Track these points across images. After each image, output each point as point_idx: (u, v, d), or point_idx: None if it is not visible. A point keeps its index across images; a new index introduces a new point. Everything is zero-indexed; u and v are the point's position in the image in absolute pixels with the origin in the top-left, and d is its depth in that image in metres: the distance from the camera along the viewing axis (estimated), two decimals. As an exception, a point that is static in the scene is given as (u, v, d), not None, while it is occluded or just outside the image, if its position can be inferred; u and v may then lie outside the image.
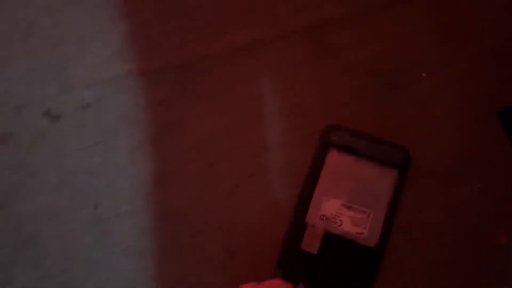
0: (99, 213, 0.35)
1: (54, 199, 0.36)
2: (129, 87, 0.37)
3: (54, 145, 0.37)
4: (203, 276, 0.33)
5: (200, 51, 0.38)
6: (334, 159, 0.32)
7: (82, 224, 0.35)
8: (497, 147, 0.33)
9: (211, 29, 0.38)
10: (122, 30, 0.38)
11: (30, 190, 0.36)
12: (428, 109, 0.35)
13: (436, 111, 0.34)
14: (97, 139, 0.37)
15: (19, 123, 0.37)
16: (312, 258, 0.30)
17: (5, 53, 0.39)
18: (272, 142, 0.35)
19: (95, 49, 0.38)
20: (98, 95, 0.37)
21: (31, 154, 0.37)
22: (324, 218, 0.31)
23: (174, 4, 0.38)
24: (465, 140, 0.34)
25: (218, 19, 0.38)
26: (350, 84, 0.35)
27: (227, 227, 0.34)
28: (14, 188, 0.36)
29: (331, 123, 0.33)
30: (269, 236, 0.32)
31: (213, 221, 0.34)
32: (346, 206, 0.31)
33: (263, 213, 0.34)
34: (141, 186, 0.35)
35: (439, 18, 0.37)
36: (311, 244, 0.30)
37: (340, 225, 0.31)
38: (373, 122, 0.34)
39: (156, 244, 0.34)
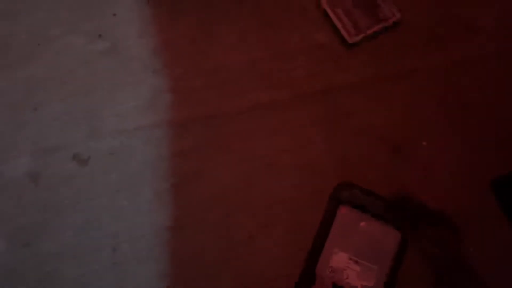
0: (117, 256, 0.38)
1: (77, 240, 0.39)
2: (155, 137, 0.42)
3: (81, 188, 0.40)
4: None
5: (223, 107, 0.42)
6: (344, 215, 0.36)
7: (101, 265, 0.38)
8: (489, 212, 0.38)
9: (235, 87, 0.43)
10: (152, 83, 0.43)
11: (55, 229, 0.39)
12: (427, 174, 0.39)
13: (435, 176, 0.39)
14: (122, 185, 0.40)
15: (48, 164, 0.41)
16: (321, 309, 0.33)
17: (41, 97, 0.43)
18: (285, 196, 0.39)
19: (125, 99, 0.43)
20: (125, 143, 0.42)
21: (58, 195, 0.40)
22: (332, 270, 0.34)
23: (202, 63, 0.44)
24: (459, 204, 0.38)
25: (241, 79, 0.43)
26: (359, 146, 0.40)
27: (241, 276, 0.37)
28: (41, 226, 0.39)
29: (342, 180, 0.37)
30: (280, 283, 0.35)
31: (227, 270, 0.37)
32: (353, 260, 0.35)
33: (274, 265, 0.37)
34: (160, 232, 0.39)
35: (442, 90, 0.42)
36: (320, 295, 0.34)
37: (346, 278, 0.34)
38: (379, 181, 0.39)
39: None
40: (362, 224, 0.35)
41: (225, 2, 0.44)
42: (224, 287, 0.37)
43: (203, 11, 0.44)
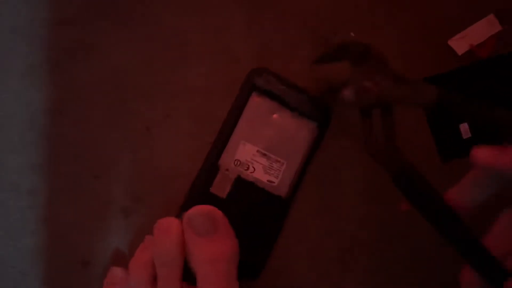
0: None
1: None
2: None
3: None
4: (103, 221, 0.32)
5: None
6: (256, 104, 0.32)
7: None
8: (410, 116, 0.37)
9: None
10: None
11: None
12: None
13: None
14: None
15: None
16: (220, 202, 0.30)
17: None
18: (193, 85, 0.34)
19: None
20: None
21: None
22: (238, 163, 0.31)
23: None
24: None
25: None
26: (283, 33, 0.36)
27: (135, 171, 0.33)
28: None
29: (258, 66, 0.33)
30: (181, 184, 0.32)
31: (120, 163, 0.33)
32: (261, 153, 0.32)
33: (175, 160, 0.33)
34: (35, 116, 0.32)
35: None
36: (221, 188, 0.31)
37: (252, 172, 0.31)
38: (302, 73, 0.35)
39: (49, 183, 0.32)
40: (275, 115, 0.32)
41: None
42: (114, 183, 0.32)
43: None
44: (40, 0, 0.33)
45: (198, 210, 0.28)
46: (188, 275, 0.27)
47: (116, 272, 0.31)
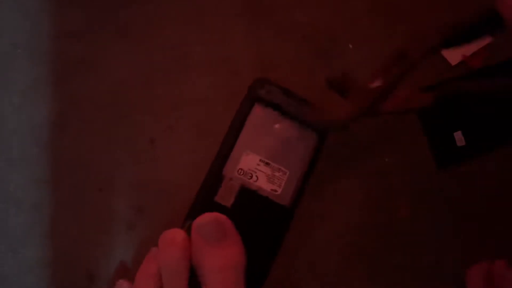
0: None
1: None
2: (33, 9, 0.35)
3: None
4: (107, 234, 0.33)
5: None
6: (259, 114, 0.34)
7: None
8: (410, 127, 0.40)
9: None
10: None
11: None
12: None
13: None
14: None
15: None
16: (225, 211, 0.32)
17: None
18: (195, 96, 0.36)
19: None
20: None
21: None
22: (242, 172, 0.34)
23: None
24: (382, 117, 0.39)
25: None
26: (282, 45, 0.38)
27: (138, 183, 0.34)
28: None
29: (260, 77, 0.35)
30: (185, 195, 0.33)
31: (123, 176, 0.34)
32: (264, 162, 0.34)
33: (178, 171, 0.35)
34: (38, 130, 0.34)
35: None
36: (225, 197, 0.33)
37: (256, 181, 0.33)
38: (301, 85, 0.38)
39: (53, 197, 0.33)
40: (277, 125, 0.34)
41: None
42: (117, 195, 0.34)
43: None
44: (42, 15, 0.35)
45: (206, 218, 0.29)
46: (193, 285, 0.29)
47: (123, 285, 0.31)
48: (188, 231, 0.30)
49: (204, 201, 0.32)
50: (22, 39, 0.34)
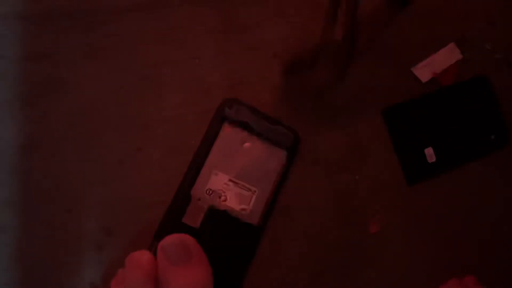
0: None
1: None
2: (2, 32, 0.36)
3: None
4: (76, 255, 0.34)
5: (94, 2, 0.37)
6: (227, 134, 0.35)
7: None
8: (377, 142, 0.41)
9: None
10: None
11: None
12: (320, 101, 0.40)
13: (328, 103, 0.40)
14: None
15: None
16: (192, 232, 0.33)
17: None
18: (165, 115, 0.37)
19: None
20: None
21: None
22: (210, 192, 0.34)
23: None
24: (351, 133, 0.39)
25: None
26: (254, 62, 0.39)
27: (107, 203, 0.35)
28: None
29: (229, 97, 0.36)
30: (153, 215, 0.34)
31: (92, 196, 0.35)
32: (233, 181, 0.35)
33: (148, 191, 0.35)
34: (4, 151, 0.34)
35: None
36: (193, 217, 0.33)
37: (225, 201, 0.34)
38: (271, 103, 0.39)
39: (20, 218, 0.34)
40: (246, 144, 0.35)
41: None
42: (86, 216, 0.34)
43: None
44: (9, 37, 0.36)
45: (171, 239, 0.30)
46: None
47: None
48: (155, 252, 0.31)
49: (172, 222, 0.33)
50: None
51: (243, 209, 0.34)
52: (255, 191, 0.35)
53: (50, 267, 0.34)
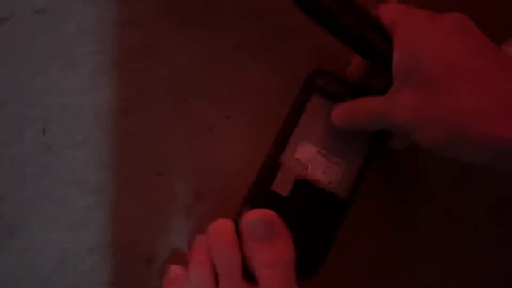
0: (47, 139, 0.35)
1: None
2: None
3: (-1, 51, 0.36)
4: (166, 218, 0.35)
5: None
6: (316, 104, 0.35)
7: (28, 148, 0.35)
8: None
9: None
10: None
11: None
12: None
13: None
14: (52, 53, 0.37)
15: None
16: (281, 200, 0.33)
17: None
18: (253, 84, 0.37)
19: None
20: (58, 1, 0.37)
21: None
22: (298, 162, 0.34)
23: None
24: None
25: None
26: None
27: (197, 169, 0.36)
28: None
29: (318, 67, 0.36)
30: (242, 181, 0.34)
31: (182, 161, 0.36)
32: (321, 153, 0.35)
33: (237, 157, 0.36)
34: (102, 114, 0.36)
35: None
36: (282, 185, 0.34)
37: (312, 171, 0.34)
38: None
39: (114, 180, 0.35)
40: (335, 117, 0.35)
41: None
42: (177, 180, 0.35)
43: None
44: (107, 2, 0.37)
45: (256, 215, 0.30)
46: (247, 275, 0.30)
47: (176, 270, 0.33)
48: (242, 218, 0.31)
49: (261, 189, 0.33)
50: (88, 25, 0.37)
51: (330, 182, 0.34)
52: (343, 165, 0.34)
53: (140, 228, 0.35)
